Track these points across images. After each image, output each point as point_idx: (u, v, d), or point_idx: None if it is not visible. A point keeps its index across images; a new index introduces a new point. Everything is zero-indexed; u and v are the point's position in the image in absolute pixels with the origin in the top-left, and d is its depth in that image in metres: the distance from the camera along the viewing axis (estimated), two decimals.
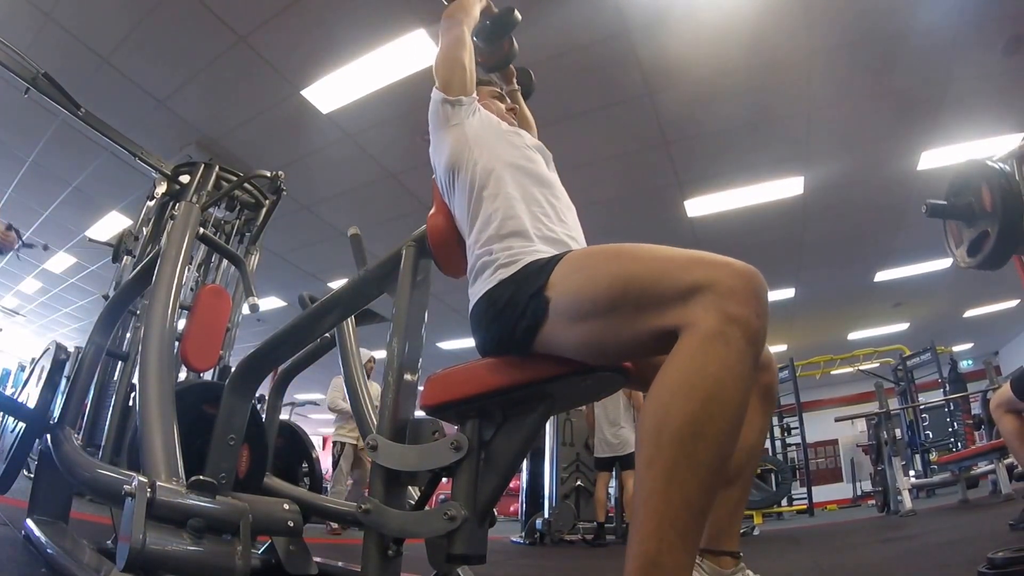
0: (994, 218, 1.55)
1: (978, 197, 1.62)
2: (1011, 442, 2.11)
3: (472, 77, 1.32)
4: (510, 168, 1.18)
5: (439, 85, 1.30)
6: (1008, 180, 1.53)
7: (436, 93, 1.30)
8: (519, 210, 1.11)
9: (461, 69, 1.30)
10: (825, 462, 12.11)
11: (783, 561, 2.76)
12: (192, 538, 0.94)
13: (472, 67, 1.33)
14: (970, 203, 1.65)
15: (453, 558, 0.92)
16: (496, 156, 1.20)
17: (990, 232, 1.58)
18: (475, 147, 1.21)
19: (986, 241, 1.60)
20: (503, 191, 1.13)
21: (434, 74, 1.33)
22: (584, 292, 0.88)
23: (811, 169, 4.97)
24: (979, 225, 1.63)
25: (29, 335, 10.17)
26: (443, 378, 1.03)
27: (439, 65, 1.33)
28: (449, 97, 1.27)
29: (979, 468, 4.86)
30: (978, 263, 1.64)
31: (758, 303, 0.74)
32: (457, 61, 1.30)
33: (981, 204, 1.61)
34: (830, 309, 8.40)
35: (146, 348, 1.38)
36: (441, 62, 1.33)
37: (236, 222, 3.04)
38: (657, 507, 0.68)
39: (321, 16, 3.49)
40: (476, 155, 1.19)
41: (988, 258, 1.59)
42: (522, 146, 1.27)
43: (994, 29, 3.52)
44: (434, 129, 1.31)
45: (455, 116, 1.26)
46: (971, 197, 1.65)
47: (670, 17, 3.46)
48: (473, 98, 1.31)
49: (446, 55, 1.32)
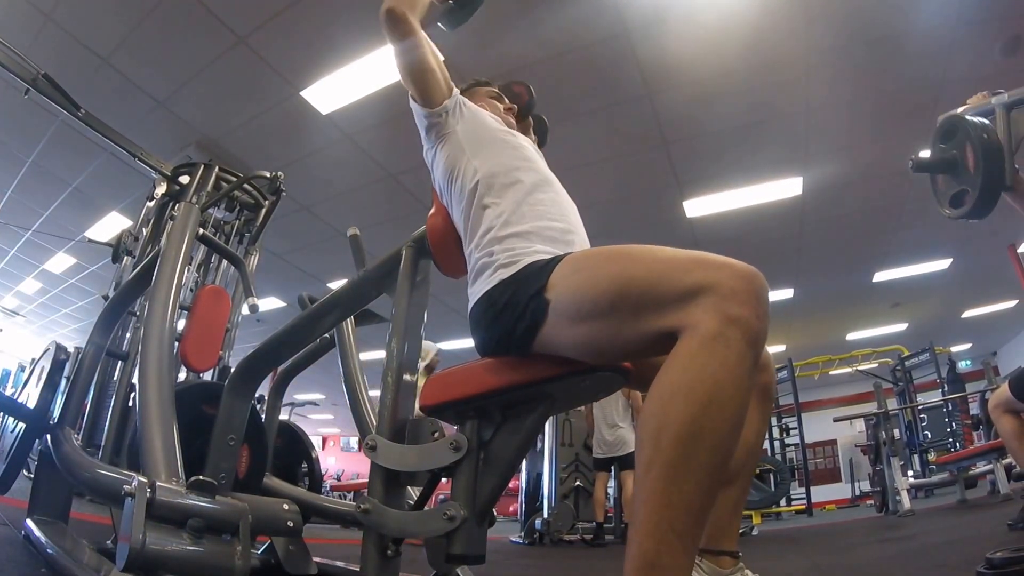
0: (976, 173, 1.60)
1: (962, 151, 1.66)
2: (1009, 442, 2.12)
3: (445, 73, 1.25)
4: (510, 171, 1.17)
5: (416, 98, 1.23)
6: (989, 134, 1.58)
7: (416, 108, 1.24)
8: (519, 212, 1.10)
9: (432, 75, 1.22)
10: (824, 462, 12.12)
11: (782, 561, 2.76)
12: (192, 538, 0.94)
13: (441, 65, 1.24)
14: (954, 156, 1.69)
15: (452, 558, 0.92)
16: (493, 159, 1.18)
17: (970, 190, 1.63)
18: (471, 152, 1.19)
19: (968, 195, 1.65)
20: (504, 196, 1.12)
21: (405, 85, 1.25)
22: (584, 293, 0.88)
23: (810, 170, 4.98)
24: (963, 179, 1.67)
25: (29, 335, 10.17)
26: (442, 378, 1.03)
27: (406, 76, 1.23)
28: (433, 109, 1.22)
29: (977, 468, 4.86)
30: (962, 214, 1.68)
31: (759, 305, 0.73)
32: (425, 68, 1.21)
33: (964, 159, 1.65)
34: (829, 309, 8.41)
35: (146, 348, 1.38)
36: (407, 73, 1.22)
37: (236, 223, 3.04)
38: (656, 508, 0.68)
39: (320, 17, 3.49)
40: (474, 162, 1.18)
41: (971, 210, 1.64)
42: (519, 146, 1.26)
43: (992, 29, 3.53)
44: (425, 140, 1.28)
45: (443, 126, 1.23)
46: (955, 151, 1.69)
47: (669, 18, 3.46)
48: (456, 97, 1.26)
49: (411, 67, 1.21)
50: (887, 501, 5.11)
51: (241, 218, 3.04)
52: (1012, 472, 4.23)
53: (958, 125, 1.70)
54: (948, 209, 1.74)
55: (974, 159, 1.61)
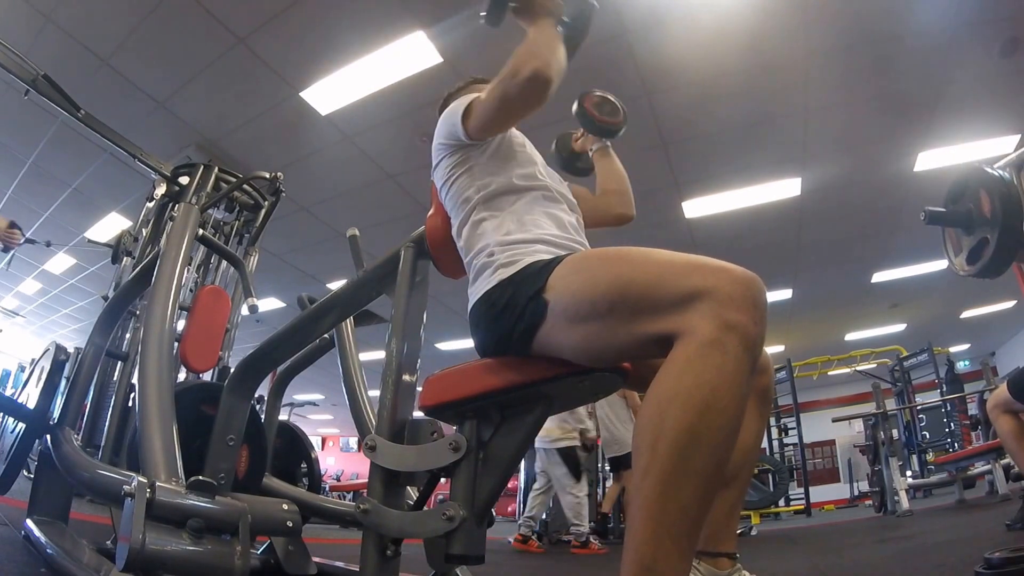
0: (994, 225, 1.52)
1: (977, 204, 1.60)
2: (1008, 442, 2.12)
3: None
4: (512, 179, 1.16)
5: (474, 126, 1.12)
6: (1008, 187, 1.50)
7: (459, 129, 1.14)
8: (524, 222, 1.10)
9: (507, 127, 1.18)
10: (822, 462, 12.12)
11: (780, 561, 2.77)
12: (191, 538, 0.94)
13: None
14: (969, 210, 1.62)
15: (451, 558, 0.93)
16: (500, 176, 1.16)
17: (989, 239, 1.55)
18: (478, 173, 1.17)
19: (985, 249, 1.57)
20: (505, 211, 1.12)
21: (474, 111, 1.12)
22: (583, 294, 0.88)
23: (808, 170, 4.98)
24: (978, 232, 1.60)
25: (29, 336, 10.16)
26: (441, 379, 1.03)
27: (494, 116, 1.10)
28: (474, 140, 1.16)
29: (976, 468, 4.86)
30: (977, 271, 1.61)
31: (756, 310, 0.73)
32: (513, 118, 1.14)
33: (980, 211, 1.58)
34: (827, 310, 8.41)
35: (145, 349, 1.38)
36: (502, 116, 1.11)
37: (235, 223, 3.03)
38: (653, 514, 0.68)
39: (320, 18, 3.49)
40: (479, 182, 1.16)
41: (987, 266, 1.56)
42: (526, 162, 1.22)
43: (991, 31, 3.53)
44: (441, 147, 1.23)
45: (470, 154, 1.19)
46: (970, 204, 1.62)
47: (668, 19, 3.47)
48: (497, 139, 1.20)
49: (510, 113, 1.10)
50: (886, 501, 5.11)
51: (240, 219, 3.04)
52: (1010, 472, 4.24)
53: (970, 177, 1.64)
54: (965, 266, 1.66)
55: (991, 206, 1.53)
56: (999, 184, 1.52)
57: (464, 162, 1.19)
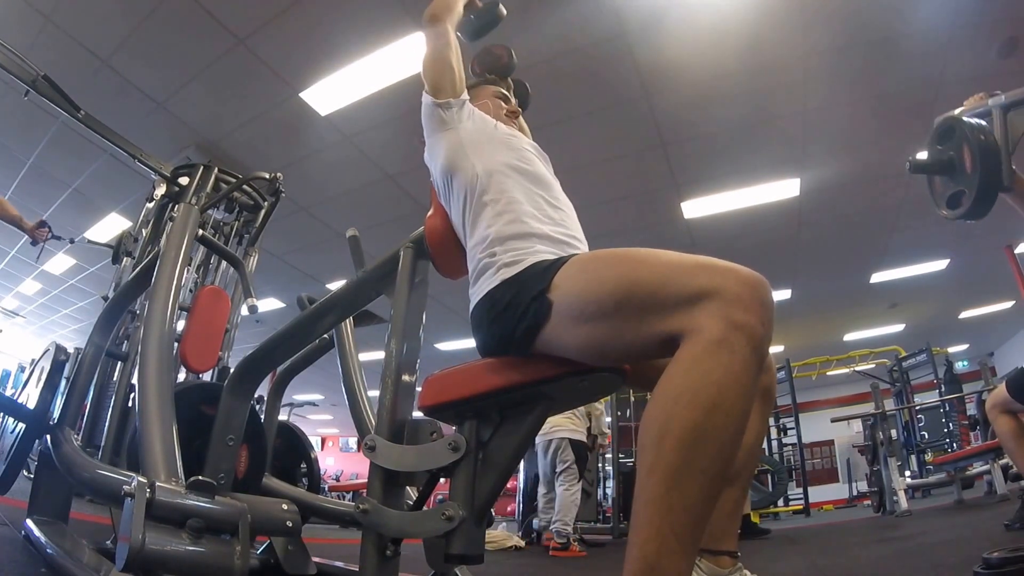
0: (973, 174, 1.60)
1: (959, 152, 1.67)
2: (1006, 442, 2.13)
3: (461, 78, 1.32)
4: (508, 170, 1.17)
5: (428, 89, 1.30)
6: (986, 135, 1.59)
7: (426, 97, 1.30)
8: (520, 212, 1.10)
9: (449, 71, 1.29)
10: (821, 463, 12.12)
11: (780, 561, 2.77)
12: (191, 538, 0.94)
13: (460, 68, 1.32)
14: (951, 158, 1.70)
15: (451, 558, 0.93)
16: (493, 159, 1.19)
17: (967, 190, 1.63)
18: (471, 150, 1.21)
19: (965, 195, 1.65)
20: (504, 195, 1.13)
21: (423, 77, 1.32)
22: (589, 294, 0.88)
23: (807, 171, 4.99)
24: (960, 180, 1.68)
25: (29, 336, 10.15)
26: (441, 379, 1.03)
27: (427, 68, 1.32)
28: (439, 100, 1.27)
29: (974, 468, 4.87)
30: (959, 215, 1.69)
31: (763, 310, 0.74)
32: (445, 63, 1.29)
33: (961, 160, 1.66)
34: (826, 310, 8.42)
35: (145, 349, 1.38)
36: (429, 65, 1.32)
37: (235, 224, 3.03)
38: (657, 512, 0.69)
39: (319, 19, 3.50)
40: (473, 159, 1.19)
41: (969, 211, 1.65)
42: (519, 148, 1.26)
43: (989, 31, 3.54)
44: (428, 133, 1.31)
45: (448, 119, 1.26)
46: (952, 152, 1.70)
47: (667, 19, 3.47)
48: (464, 99, 1.30)
49: (433, 57, 1.31)
50: (884, 501, 5.12)
51: (240, 219, 3.04)
52: (1009, 472, 4.25)
53: (955, 126, 1.71)
54: (946, 210, 1.75)
55: (971, 160, 1.61)
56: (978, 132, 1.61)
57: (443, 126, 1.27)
